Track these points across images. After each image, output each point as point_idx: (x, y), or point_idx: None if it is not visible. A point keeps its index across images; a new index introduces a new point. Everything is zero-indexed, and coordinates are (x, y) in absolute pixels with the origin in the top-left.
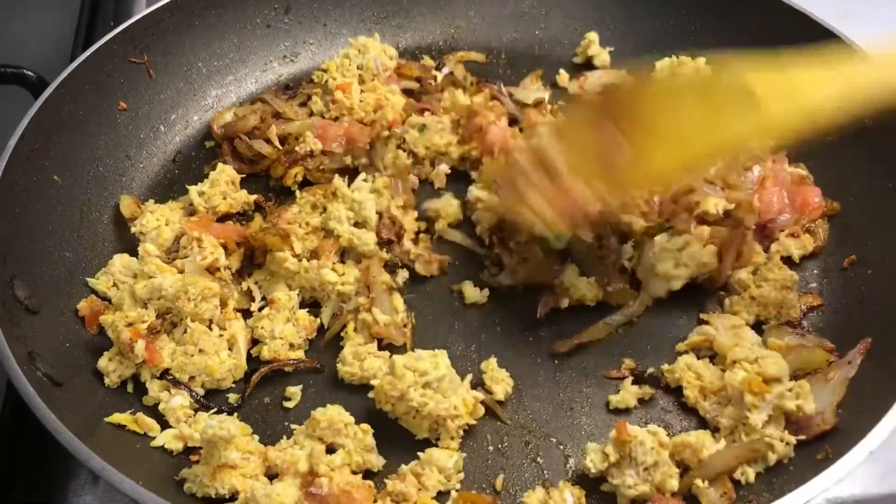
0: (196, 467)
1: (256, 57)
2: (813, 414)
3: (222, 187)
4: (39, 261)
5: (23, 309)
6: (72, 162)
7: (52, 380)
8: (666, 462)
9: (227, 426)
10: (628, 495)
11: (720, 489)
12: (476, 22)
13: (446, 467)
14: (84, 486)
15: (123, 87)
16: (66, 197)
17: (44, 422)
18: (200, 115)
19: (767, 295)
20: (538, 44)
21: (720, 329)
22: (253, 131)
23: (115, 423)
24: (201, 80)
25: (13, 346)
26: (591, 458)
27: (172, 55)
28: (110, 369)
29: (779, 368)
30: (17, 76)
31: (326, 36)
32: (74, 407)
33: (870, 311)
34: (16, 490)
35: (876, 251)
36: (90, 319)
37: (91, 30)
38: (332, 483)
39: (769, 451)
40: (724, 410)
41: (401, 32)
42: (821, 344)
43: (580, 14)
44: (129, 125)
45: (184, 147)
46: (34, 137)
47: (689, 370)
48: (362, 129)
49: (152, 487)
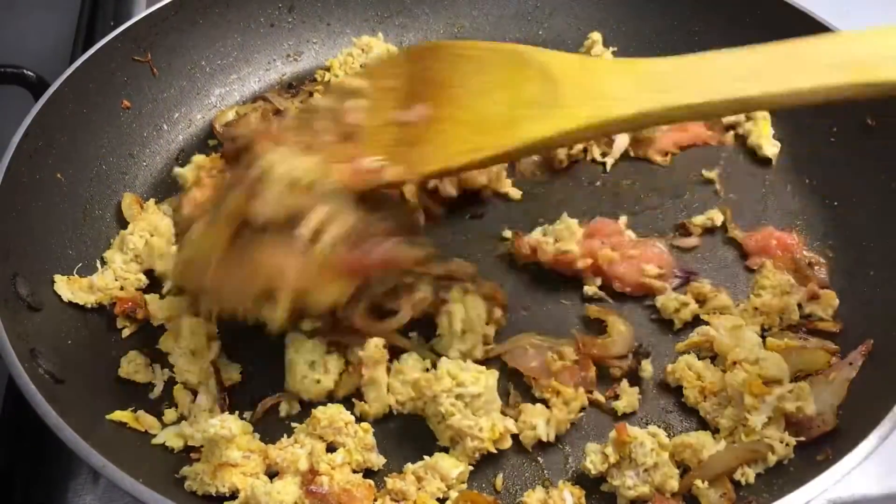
0: (196, 465)
1: (260, 56)
2: (813, 415)
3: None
4: (42, 258)
5: (25, 306)
6: (75, 160)
7: (54, 377)
8: (666, 463)
9: (228, 424)
10: (628, 496)
11: (720, 490)
12: (479, 21)
13: (449, 476)
14: (84, 486)
15: (127, 85)
16: (70, 195)
17: (45, 419)
18: (204, 113)
19: (769, 302)
20: (541, 43)
21: (720, 329)
22: None
23: (116, 420)
24: (205, 79)
25: (15, 343)
26: (590, 458)
27: (176, 54)
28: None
29: (779, 370)
30: (17, 76)
31: (330, 35)
32: (76, 404)
33: (871, 312)
34: (16, 490)
35: (877, 252)
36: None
37: (91, 30)
38: (333, 481)
39: (769, 452)
40: (724, 411)
41: (404, 32)
42: (822, 345)
43: (583, 14)
44: (133, 123)
45: (187, 146)
46: (37, 135)
47: (689, 370)
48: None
49: (153, 485)
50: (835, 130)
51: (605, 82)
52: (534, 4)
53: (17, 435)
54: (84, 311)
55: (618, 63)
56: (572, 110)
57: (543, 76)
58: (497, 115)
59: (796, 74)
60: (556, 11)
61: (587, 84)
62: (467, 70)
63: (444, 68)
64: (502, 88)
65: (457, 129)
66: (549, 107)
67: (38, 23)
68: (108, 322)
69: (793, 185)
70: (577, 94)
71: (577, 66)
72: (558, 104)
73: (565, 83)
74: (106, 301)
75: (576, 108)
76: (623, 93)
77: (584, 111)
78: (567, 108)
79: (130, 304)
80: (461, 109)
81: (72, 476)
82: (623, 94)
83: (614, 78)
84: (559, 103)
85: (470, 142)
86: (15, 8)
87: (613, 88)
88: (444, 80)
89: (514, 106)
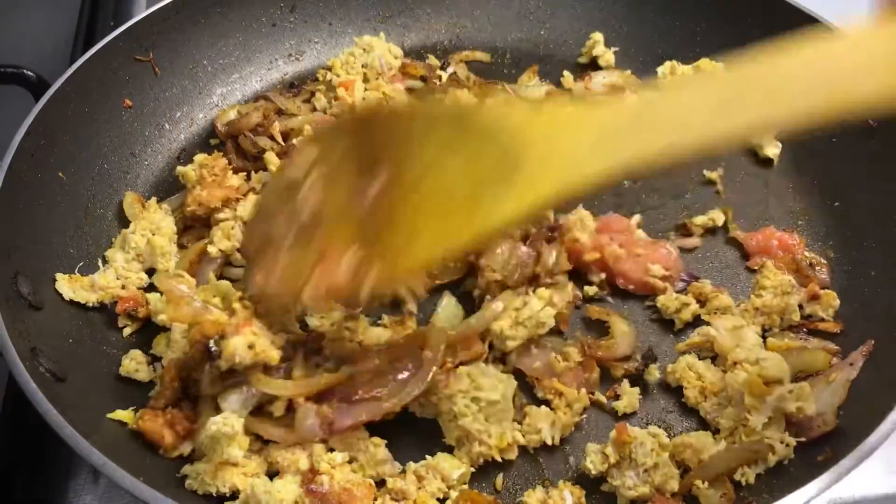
0: (197, 464)
1: (262, 55)
2: (814, 415)
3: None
4: (43, 257)
5: (26, 305)
6: (77, 159)
7: (55, 375)
8: (666, 463)
9: (230, 422)
10: (628, 496)
11: (720, 490)
12: (481, 21)
13: (450, 476)
14: (84, 486)
15: (129, 84)
16: (71, 194)
17: (46, 417)
18: (205, 112)
19: (770, 303)
20: (543, 43)
21: (721, 330)
22: (256, 128)
23: (117, 419)
24: (206, 78)
25: (16, 342)
26: (591, 458)
27: (178, 53)
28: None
29: (780, 370)
30: (17, 76)
31: (332, 35)
32: (76, 403)
33: (872, 312)
34: (16, 489)
35: (878, 252)
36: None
37: (91, 30)
38: (333, 481)
39: (769, 452)
40: (724, 411)
41: (406, 31)
42: (823, 346)
43: (585, 14)
44: (135, 123)
45: (188, 145)
46: (39, 134)
47: (689, 370)
48: None
49: (153, 484)
50: (836, 131)
51: (564, 139)
52: (535, 4)
53: (17, 434)
54: (85, 309)
55: (574, 113)
56: (536, 179)
57: (497, 140)
58: (460, 186)
59: (761, 102)
60: (557, 11)
61: (546, 142)
62: (417, 133)
63: (390, 134)
64: (457, 153)
65: (423, 206)
66: (508, 179)
67: (38, 23)
68: (110, 321)
69: (794, 186)
70: (537, 156)
71: (531, 120)
72: (517, 177)
73: (523, 144)
74: (107, 300)
75: (540, 176)
76: (585, 149)
77: (548, 178)
78: (531, 178)
79: (132, 302)
80: (421, 180)
81: (72, 476)
82: (585, 150)
83: (573, 132)
84: (518, 176)
85: (441, 223)
86: (15, 8)
87: (574, 145)
88: (394, 146)
89: (475, 172)
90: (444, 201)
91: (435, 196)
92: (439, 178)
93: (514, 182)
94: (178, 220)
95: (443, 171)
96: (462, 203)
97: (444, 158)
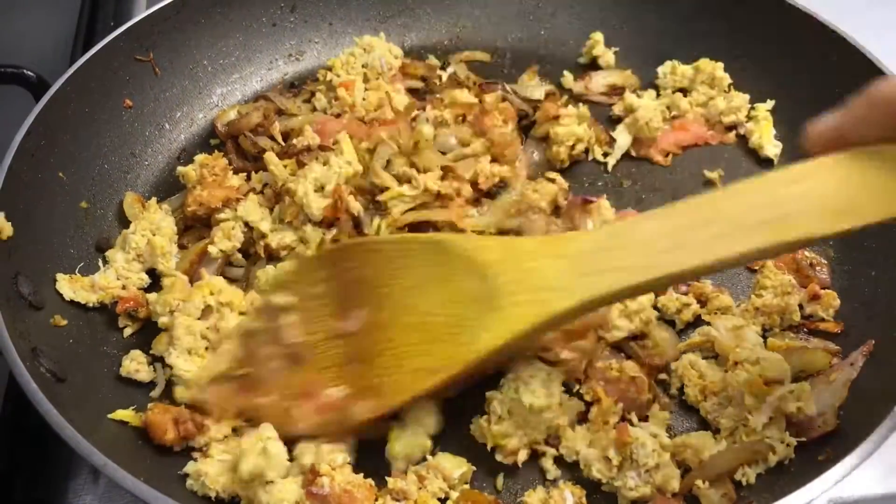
0: (198, 464)
1: (262, 55)
2: (814, 415)
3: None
4: (44, 257)
5: (26, 305)
6: (77, 159)
7: (56, 375)
8: (667, 464)
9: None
10: (629, 496)
11: (721, 490)
12: (481, 22)
13: (451, 476)
14: (84, 486)
15: (129, 84)
16: (71, 194)
17: (46, 417)
18: (206, 113)
19: (770, 303)
20: (543, 44)
21: (722, 330)
22: (256, 128)
23: (118, 419)
24: (207, 79)
25: (16, 342)
26: (596, 467)
27: (178, 53)
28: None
29: (780, 370)
30: (17, 76)
31: (332, 35)
32: (77, 403)
33: (872, 312)
34: (16, 489)
35: (878, 252)
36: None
37: (91, 30)
38: (334, 482)
39: (770, 452)
40: (724, 411)
41: (406, 32)
42: (823, 346)
43: (585, 14)
44: (135, 123)
45: (189, 145)
46: (40, 134)
47: (691, 369)
48: (361, 127)
49: (154, 484)
50: None
51: (538, 271)
52: (535, 4)
53: (17, 434)
54: (86, 309)
55: (546, 245)
56: (514, 310)
57: (472, 270)
58: (440, 316)
59: (719, 240)
60: (557, 11)
61: (521, 275)
62: (392, 266)
63: (367, 267)
64: (434, 284)
65: (406, 337)
66: (487, 307)
67: (38, 23)
68: (110, 321)
69: None
70: (513, 289)
71: (505, 254)
72: (496, 305)
73: (498, 277)
74: (108, 300)
75: (516, 307)
76: (561, 281)
77: (526, 309)
78: (507, 309)
79: (132, 302)
80: (401, 311)
81: (72, 476)
82: (561, 282)
83: (548, 264)
84: (497, 304)
85: (425, 353)
86: (15, 8)
87: (549, 277)
88: (371, 280)
89: (454, 303)
90: (426, 332)
91: (416, 330)
92: (419, 311)
93: (496, 307)
94: (178, 221)
95: (423, 300)
96: (444, 333)
97: (423, 289)
